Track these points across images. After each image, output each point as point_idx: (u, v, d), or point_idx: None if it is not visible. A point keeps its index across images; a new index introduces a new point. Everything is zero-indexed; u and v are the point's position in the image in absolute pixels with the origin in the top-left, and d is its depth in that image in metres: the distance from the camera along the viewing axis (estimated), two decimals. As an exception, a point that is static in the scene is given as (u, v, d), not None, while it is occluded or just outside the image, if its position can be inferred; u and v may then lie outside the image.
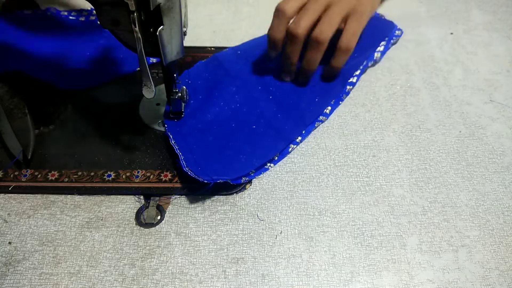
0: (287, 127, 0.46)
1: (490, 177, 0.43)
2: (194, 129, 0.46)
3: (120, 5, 0.34)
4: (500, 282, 0.36)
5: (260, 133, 0.45)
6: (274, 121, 0.47)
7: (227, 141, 0.45)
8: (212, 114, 0.47)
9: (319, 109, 0.48)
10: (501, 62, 0.55)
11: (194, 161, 0.42)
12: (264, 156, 0.43)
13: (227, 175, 0.41)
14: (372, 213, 0.40)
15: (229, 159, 0.43)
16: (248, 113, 0.48)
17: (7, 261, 0.37)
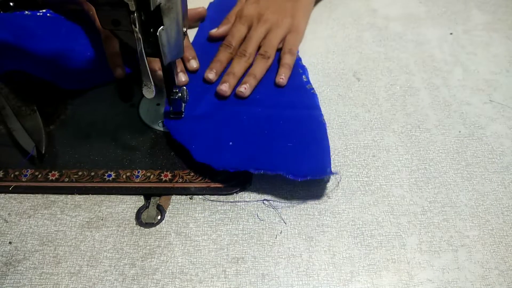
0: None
1: (490, 177, 0.43)
2: (195, 122, 0.47)
3: (120, 5, 0.34)
4: (499, 281, 0.36)
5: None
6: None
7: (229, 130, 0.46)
8: (208, 105, 0.49)
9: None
10: (500, 62, 0.56)
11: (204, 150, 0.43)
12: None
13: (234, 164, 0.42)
14: (372, 213, 0.40)
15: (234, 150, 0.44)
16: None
17: (7, 261, 0.37)
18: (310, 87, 0.51)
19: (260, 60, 0.52)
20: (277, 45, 0.54)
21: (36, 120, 0.45)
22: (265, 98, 0.49)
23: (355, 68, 0.54)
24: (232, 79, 0.50)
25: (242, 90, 0.49)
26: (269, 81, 0.52)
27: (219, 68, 0.52)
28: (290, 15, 0.55)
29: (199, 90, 0.50)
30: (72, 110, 0.48)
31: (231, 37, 0.54)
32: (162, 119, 0.47)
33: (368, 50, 0.57)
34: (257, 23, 0.55)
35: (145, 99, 0.49)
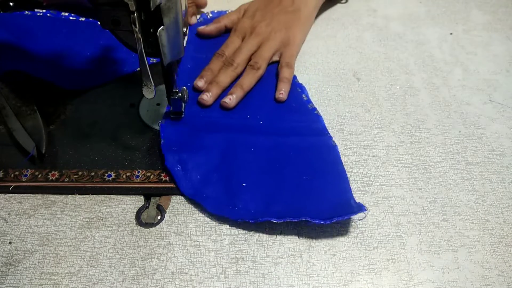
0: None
1: (490, 177, 0.43)
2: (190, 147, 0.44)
3: (120, 5, 0.34)
4: (499, 281, 0.36)
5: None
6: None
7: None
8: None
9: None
10: (500, 62, 0.56)
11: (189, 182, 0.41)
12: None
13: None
14: (372, 213, 0.40)
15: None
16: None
17: (7, 261, 0.37)
18: (312, 107, 0.48)
19: (249, 71, 0.50)
20: (269, 58, 0.52)
21: (37, 120, 0.45)
22: (268, 124, 0.47)
23: (355, 68, 0.54)
24: (216, 89, 0.48)
25: (226, 101, 0.47)
26: (269, 101, 0.49)
27: (210, 76, 0.50)
28: (285, 28, 0.53)
29: (196, 115, 0.48)
30: (72, 110, 0.48)
31: (225, 47, 0.53)
32: (162, 119, 0.47)
33: (368, 50, 0.57)
34: (249, 35, 0.53)
35: (145, 99, 0.49)
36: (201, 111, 0.48)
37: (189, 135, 0.45)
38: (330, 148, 0.44)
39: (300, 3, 0.56)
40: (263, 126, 0.46)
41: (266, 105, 0.49)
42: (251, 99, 0.49)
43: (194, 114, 0.47)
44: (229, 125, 0.46)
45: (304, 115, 0.48)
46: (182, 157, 0.43)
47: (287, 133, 0.45)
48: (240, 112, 0.48)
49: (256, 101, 0.49)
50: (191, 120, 0.47)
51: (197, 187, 0.41)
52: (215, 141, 0.45)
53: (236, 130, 0.46)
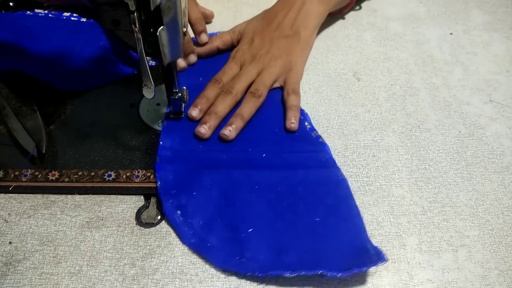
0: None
1: (490, 177, 0.43)
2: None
3: (120, 5, 0.34)
4: (499, 281, 0.36)
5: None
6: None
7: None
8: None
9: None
10: (500, 62, 0.56)
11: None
12: None
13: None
14: (372, 213, 0.40)
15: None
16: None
17: (7, 261, 0.37)
18: (316, 135, 0.46)
19: (250, 99, 0.47)
20: (270, 85, 0.49)
21: (37, 120, 0.45)
22: (271, 156, 0.43)
23: (355, 68, 0.54)
24: (214, 120, 0.45)
25: (226, 133, 0.44)
26: (270, 130, 0.46)
27: (205, 105, 0.47)
28: (286, 54, 0.51)
29: (192, 147, 0.45)
30: (72, 110, 0.48)
31: (222, 74, 0.50)
32: (163, 119, 0.47)
33: (368, 50, 0.57)
34: (249, 62, 0.51)
35: (145, 99, 0.49)
36: (198, 145, 0.45)
37: (186, 173, 0.42)
38: (340, 181, 0.41)
39: (299, 25, 0.53)
40: (267, 159, 0.43)
41: (268, 135, 0.46)
42: (251, 129, 0.46)
43: (190, 148, 0.44)
44: (230, 160, 0.43)
45: (309, 144, 0.45)
46: (181, 201, 0.40)
47: (293, 166, 0.43)
48: (240, 144, 0.45)
49: (257, 131, 0.46)
50: (187, 156, 0.43)
51: (200, 235, 0.38)
52: (216, 179, 0.41)
53: (237, 165, 0.43)
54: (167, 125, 0.46)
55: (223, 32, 0.56)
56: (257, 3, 0.64)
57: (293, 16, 0.53)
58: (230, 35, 0.55)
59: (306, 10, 0.54)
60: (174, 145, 0.44)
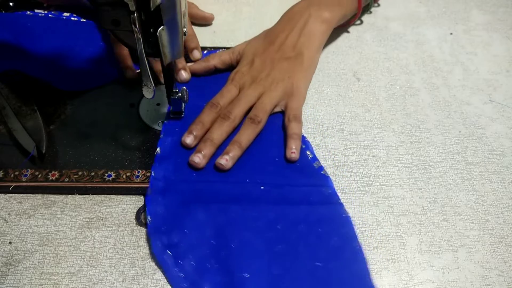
0: None
1: (490, 177, 0.43)
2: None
3: (120, 5, 0.34)
4: (499, 281, 0.36)
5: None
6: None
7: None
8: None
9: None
10: (500, 62, 0.56)
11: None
12: None
13: None
14: (372, 213, 0.40)
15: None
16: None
17: (7, 261, 0.37)
18: (319, 165, 0.43)
19: (248, 125, 0.44)
20: (271, 111, 0.46)
21: (37, 120, 0.45)
22: (270, 189, 0.41)
23: (355, 68, 0.54)
24: (209, 148, 0.43)
25: (222, 163, 0.41)
26: (269, 160, 0.43)
27: (200, 130, 0.44)
28: (288, 77, 0.48)
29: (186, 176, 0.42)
30: (72, 110, 0.48)
31: (220, 97, 0.47)
32: (162, 118, 0.47)
33: (368, 50, 0.57)
34: (249, 85, 0.48)
35: (145, 99, 0.49)
36: (192, 174, 0.42)
37: (179, 208, 0.39)
38: (344, 220, 0.39)
39: (302, 46, 0.50)
40: (265, 193, 0.40)
41: (267, 165, 0.43)
42: (249, 158, 0.43)
43: (183, 178, 0.41)
44: (226, 192, 0.40)
45: (311, 177, 0.42)
46: (172, 240, 0.37)
47: (293, 201, 0.40)
48: (237, 174, 0.42)
49: (255, 160, 0.43)
50: (181, 187, 0.41)
51: (192, 278, 0.35)
52: (211, 215, 0.39)
53: (234, 199, 0.40)
54: (160, 154, 0.43)
55: (222, 51, 0.53)
56: (257, 3, 0.64)
57: (296, 37, 0.51)
58: (229, 55, 0.52)
59: (309, 31, 0.51)
60: (167, 174, 0.42)
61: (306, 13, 0.52)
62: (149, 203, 0.39)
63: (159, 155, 0.43)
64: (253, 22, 0.61)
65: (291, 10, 0.54)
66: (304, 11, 0.52)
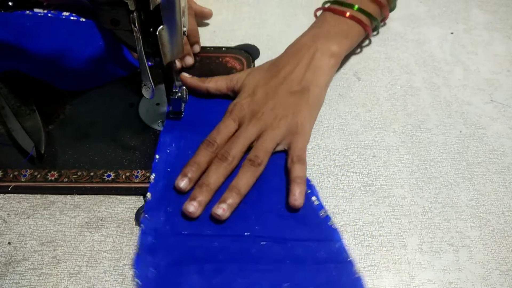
0: None
1: (491, 177, 0.43)
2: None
3: (119, 5, 0.34)
4: (500, 282, 0.36)
5: None
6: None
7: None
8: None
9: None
10: (501, 62, 0.55)
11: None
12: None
13: None
14: (373, 213, 0.40)
15: None
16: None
17: (6, 262, 0.37)
18: (325, 215, 0.39)
19: (248, 168, 0.41)
20: (272, 150, 0.43)
21: (36, 120, 0.45)
22: (272, 245, 0.37)
23: (355, 68, 0.54)
24: (205, 194, 0.39)
25: (219, 213, 0.38)
26: (270, 208, 0.40)
27: (195, 173, 0.41)
28: (292, 113, 0.44)
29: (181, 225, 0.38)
30: (72, 110, 0.48)
31: (217, 133, 0.43)
32: (162, 118, 0.47)
33: (368, 50, 0.57)
34: (249, 121, 0.44)
35: (144, 99, 0.49)
36: (184, 226, 0.38)
37: (170, 269, 0.35)
38: (355, 282, 0.35)
39: (309, 81, 0.46)
40: (267, 249, 0.37)
41: (268, 215, 0.39)
42: (248, 206, 0.40)
43: (175, 232, 0.38)
44: (222, 249, 0.37)
45: (316, 229, 0.38)
46: None
47: (298, 259, 0.36)
48: (235, 227, 0.38)
49: (255, 210, 0.39)
50: (172, 243, 0.37)
51: None
52: (205, 277, 0.35)
53: (231, 258, 0.36)
54: (151, 200, 0.39)
55: (219, 77, 0.49)
56: (257, 3, 0.64)
57: (302, 71, 0.47)
58: (226, 82, 0.48)
59: (316, 65, 0.47)
60: (157, 226, 0.38)
61: (313, 46, 0.48)
62: (138, 265, 0.35)
63: (149, 202, 0.39)
64: (253, 22, 0.61)
65: (297, 42, 0.50)
66: (311, 44, 0.49)
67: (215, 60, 0.54)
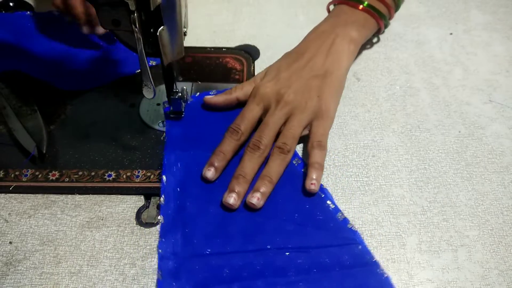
0: None
1: (490, 177, 0.43)
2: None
3: (120, 5, 0.34)
4: (499, 281, 0.36)
5: None
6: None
7: None
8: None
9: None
10: (500, 62, 0.56)
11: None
12: None
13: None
14: (372, 212, 0.41)
15: None
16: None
17: (7, 261, 0.37)
18: (342, 217, 0.39)
19: (277, 156, 0.41)
20: (299, 135, 0.43)
21: (37, 119, 0.45)
22: (296, 255, 0.36)
23: (355, 68, 0.54)
24: (243, 185, 0.39)
25: (254, 202, 0.38)
26: (290, 216, 0.39)
27: (221, 161, 0.41)
28: (317, 96, 0.44)
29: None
30: (73, 110, 0.48)
31: (241, 119, 0.43)
32: (162, 119, 0.47)
33: (368, 50, 0.57)
34: (275, 105, 0.43)
35: (145, 99, 0.49)
36: (204, 246, 0.37)
37: None
38: (383, 282, 0.35)
39: (331, 65, 0.46)
40: (291, 260, 0.36)
41: (286, 224, 0.38)
42: (265, 217, 0.39)
43: (196, 253, 0.36)
44: (246, 265, 0.36)
45: (337, 233, 0.38)
46: None
47: (325, 267, 0.35)
48: (256, 240, 0.37)
49: (273, 220, 0.39)
50: (194, 265, 0.36)
51: None
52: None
53: (257, 273, 0.35)
54: (164, 224, 0.38)
55: (244, 82, 0.48)
56: (257, 3, 0.64)
57: (323, 56, 0.47)
58: (252, 84, 0.47)
59: (337, 50, 0.48)
60: (176, 249, 0.37)
61: (333, 32, 0.49)
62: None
63: (163, 225, 0.38)
64: (253, 22, 0.61)
65: (316, 29, 0.51)
66: (330, 31, 0.49)
67: (215, 61, 0.54)
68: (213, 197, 0.40)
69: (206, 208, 0.39)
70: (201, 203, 0.40)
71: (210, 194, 0.40)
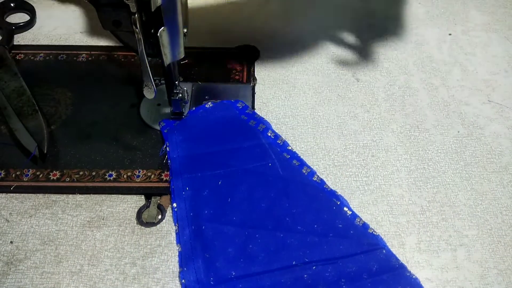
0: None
1: (488, 177, 0.44)
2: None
3: (121, 6, 0.34)
4: (498, 281, 0.36)
5: None
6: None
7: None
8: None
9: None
10: (499, 62, 0.56)
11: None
12: None
13: None
14: (371, 212, 0.41)
15: None
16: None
17: (8, 260, 0.37)
18: (362, 222, 0.38)
19: None
20: None
21: (38, 120, 0.45)
22: (325, 268, 0.36)
23: (354, 69, 0.55)
24: None
25: None
26: (310, 228, 0.38)
27: None
28: None
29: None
30: (74, 110, 0.48)
31: None
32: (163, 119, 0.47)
33: (367, 51, 0.57)
34: None
35: (146, 99, 0.49)
36: (228, 270, 0.36)
37: None
38: (413, 284, 0.35)
39: None
40: (319, 273, 0.35)
41: (307, 236, 0.37)
42: (284, 233, 0.37)
43: (222, 279, 0.35)
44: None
45: (360, 239, 0.37)
46: None
47: (354, 277, 0.35)
48: (280, 258, 0.36)
49: (293, 235, 0.37)
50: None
51: None
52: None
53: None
54: (182, 251, 0.37)
55: None
56: (257, 3, 0.64)
57: None
58: None
59: None
60: (199, 277, 0.35)
61: None
62: None
63: (182, 254, 0.37)
64: (253, 22, 0.61)
65: None
66: None
67: (215, 61, 0.54)
68: (227, 217, 0.39)
69: (222, 229, 0.38)
70: (216, 225, 0.38)
71: (223, 214, 0.39)
